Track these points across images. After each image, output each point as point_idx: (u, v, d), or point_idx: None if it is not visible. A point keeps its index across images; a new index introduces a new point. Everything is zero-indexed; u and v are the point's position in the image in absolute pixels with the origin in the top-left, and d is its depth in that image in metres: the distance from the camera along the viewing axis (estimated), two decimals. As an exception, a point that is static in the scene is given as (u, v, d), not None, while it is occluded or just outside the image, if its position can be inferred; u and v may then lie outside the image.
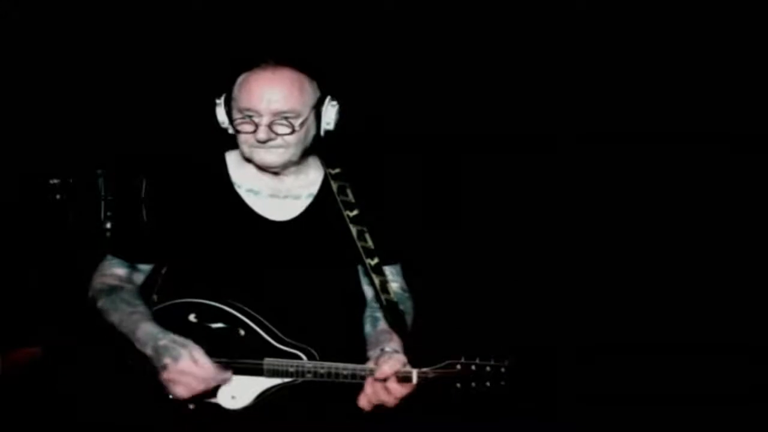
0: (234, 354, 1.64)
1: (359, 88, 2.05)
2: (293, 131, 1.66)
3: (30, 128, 3.10)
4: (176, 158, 1.81)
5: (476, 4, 3.21)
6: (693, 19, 3.06)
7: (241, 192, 1.76)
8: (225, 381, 1.61)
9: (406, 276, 1.88)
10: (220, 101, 1.73)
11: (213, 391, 1.62)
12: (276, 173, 1.76)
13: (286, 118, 1.65)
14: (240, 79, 1.70)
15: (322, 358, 1.65)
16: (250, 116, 1.65)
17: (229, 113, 1.72)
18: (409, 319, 1.82)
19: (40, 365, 2.65)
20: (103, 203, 2.95)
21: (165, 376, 1.56)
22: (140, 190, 1.76)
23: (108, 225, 2.95)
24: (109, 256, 1.81)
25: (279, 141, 1.66)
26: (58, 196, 2.97)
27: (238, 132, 1.68)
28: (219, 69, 1.84)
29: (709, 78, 3.11)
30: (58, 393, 2.53)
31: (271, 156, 1.68)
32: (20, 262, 2.93)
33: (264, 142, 1.65)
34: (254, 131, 1.65)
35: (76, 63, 3.14)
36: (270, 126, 1.64)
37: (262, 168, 1.73)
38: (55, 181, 2.97)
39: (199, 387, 1.57)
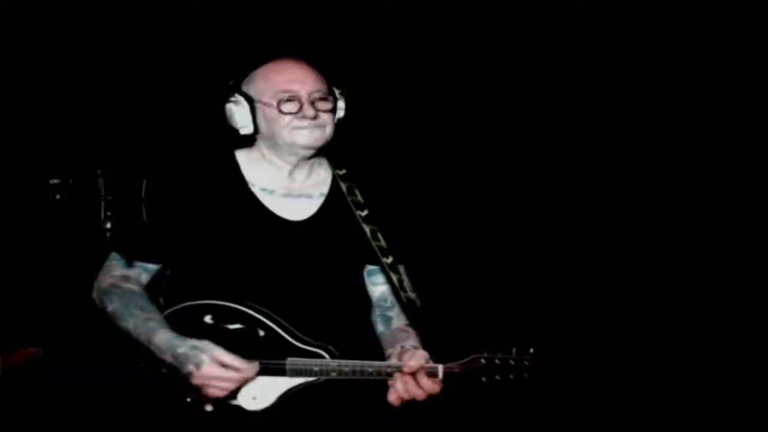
0: (254, 355, 1.62)
1: (361, 84, 2.06)
2: (333, 108, 1.73)
3: (30, 128, 3.10)
4: (188, 156, 1.80)
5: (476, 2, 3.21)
6: (693, 20, 3.06)
7: (256, 191, 1.75)
8: (255, 372, 1.60)
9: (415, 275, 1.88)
10: (237, 99, 1.73)
11: (233, 393, 1.60)
12: (302, 159, 1.76)
13: (322, 96, 1.71)
14: (257, 73, 1.73)
15: (341, 357, 1.64)
16: (289, 97, 1.68)
17: (252, 109, 1.72)
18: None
19: (40, 365, 2.65)
20: (103, 203, 2.94)
21: (193, 382, 1.56)
22: (151, 188, 1.75)
23: (108, 225, 2.94)
24: (116, 256, 1.77)
25: (320, 120, 1.70)
26: (58, 196, 2.96)
27: (282, 113, 1.68)
28: (225, 67, 1.85)
29: (709, 79, 3.12)
30: (58, 393, 2.53)
31: (314, 135, 1.70)
32: (20, 262, 2.92)
33: (312, 118, 1.68)
34: (299, 110, 1.68)
35: (77, 63, 3.14)
36: (312, 104, 1.69)
37: (302, 149, 1.72)
38: (55, 181, 2.96)
39: (232, 385, 1.57)
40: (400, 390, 1.60)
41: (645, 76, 3.21)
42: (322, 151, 1.79)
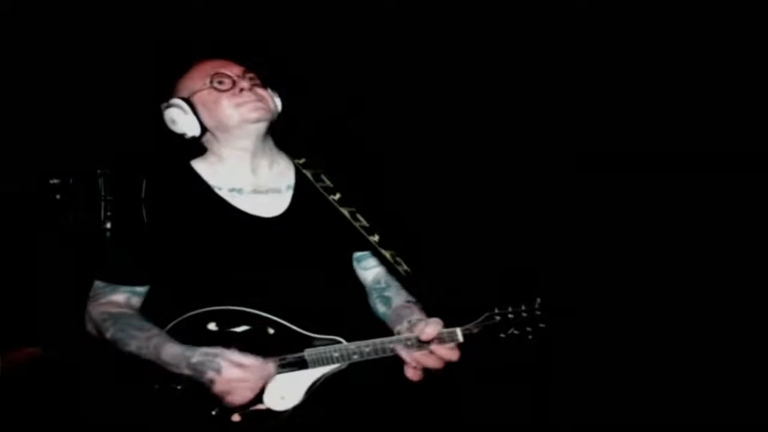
0: (270, 353, 1.59)
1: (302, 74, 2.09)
2: (263, 83, 1.76)
3: (30, 128, 3.10)
4: (149, 173, 1.76)
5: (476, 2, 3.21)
6: (693, 20, 3.06)
7: (223, 194, 1.73)
8: (273, 370, 1.57)
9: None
10: (174, 102, 1.72)
11: (259, 397, 1.57)
12: (258, 139, 1.75)
13: (251, 75, 1.75)
14: (183, 78, 1.76)
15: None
16: (220, 79, 1.71)
17: (192, 109, 1.72)
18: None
19: (40, 365, 2.65)
20: (103, 203, 2.95)
21: (216, 389, 1.52)
22: (140, 193, 1.72)
23: (108, 225, 2.95)
24: (100, 284, 1.74)
25: (258, 94, 1.72)
26: (58, 196, 2.96)
27: (219, 91, 1.70)
28: (160, 76, 1.86)
29: (709, 79, 3.11)
30: (58, 393, 2.53)
31: (257, 109, 1.71)
32: (20, 262, 2.92)
33: (248, 89, 1.71)
34: (233, 86, 1.70)
35: (76, 63, 3.14)
36: (243, 78, 1.73)
37: (252, 123, 1.71)
38: (55, 181, 2.96)
39: (256, 387, 1.54)
40: (413, 364, 1.59)
41: (645, 76, 3.21)
42: (274, 135, 1.80)
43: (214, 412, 1.57)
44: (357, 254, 1.86)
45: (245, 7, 3.09)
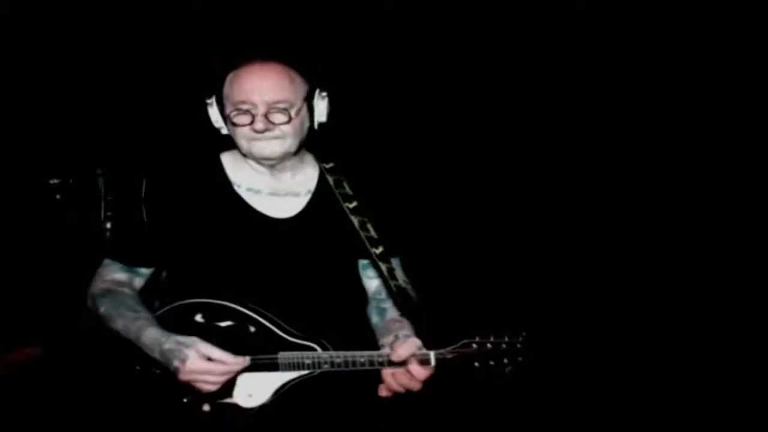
0: (246, 351, 1.61)
1: (347, 82, 2.05)
2: (290, 120, 1.68)
3: (30, 128, 3.10)
4: (173, 160, 1.80)
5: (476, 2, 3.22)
6: (693, 20, 3.06)
7: (241, 191, 1.76)
8: (243, 366, 1.58)
9: (408, 264, 1.87)
10: (211, 101, 1.73)
11: (229, 391, 1.60)
12: (272, 166, 1.75)
13: (281, 108, 1.67)
14: (229, 77, 1.71)
15: (335, 350, 1.64)
16: (245, 109, 1.66)
17: (221, 112, 1.73)
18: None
19: (40, 365, 2.65)
20: (103, 203, 2.95)
21: (180, 378, 1.54)
22: (140, 192, 1.75)
23: (108, 225, 2.95)
24: (107, 261, 1.78)
25: (276, 131, 1.67)
26: (58, 196, 2.97)
27: (234, 125, 1.68)
28: (208, 70, 1.85)
29: (709, 79, 3.12)
30: (58, 393, 2.54)
31: (270, 147, 1.69)
32: (20, 262, 2.92)
33: (262, 132, 1.66)
34: (251, 122, 1.66)
35: (76, 63, 3.14)
36: (266, 116, 1.66)
37: (262, 159, 1.72)
38: (55, 181, 2.96)
39: (221, 379, 1.55)
40: (390, 383, 1.60)
41: (645, 76, 3.22)
42: (302, 150, 1.79)
43: (186, 399, 1.60)
44: (363, 262, 1.86)
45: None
